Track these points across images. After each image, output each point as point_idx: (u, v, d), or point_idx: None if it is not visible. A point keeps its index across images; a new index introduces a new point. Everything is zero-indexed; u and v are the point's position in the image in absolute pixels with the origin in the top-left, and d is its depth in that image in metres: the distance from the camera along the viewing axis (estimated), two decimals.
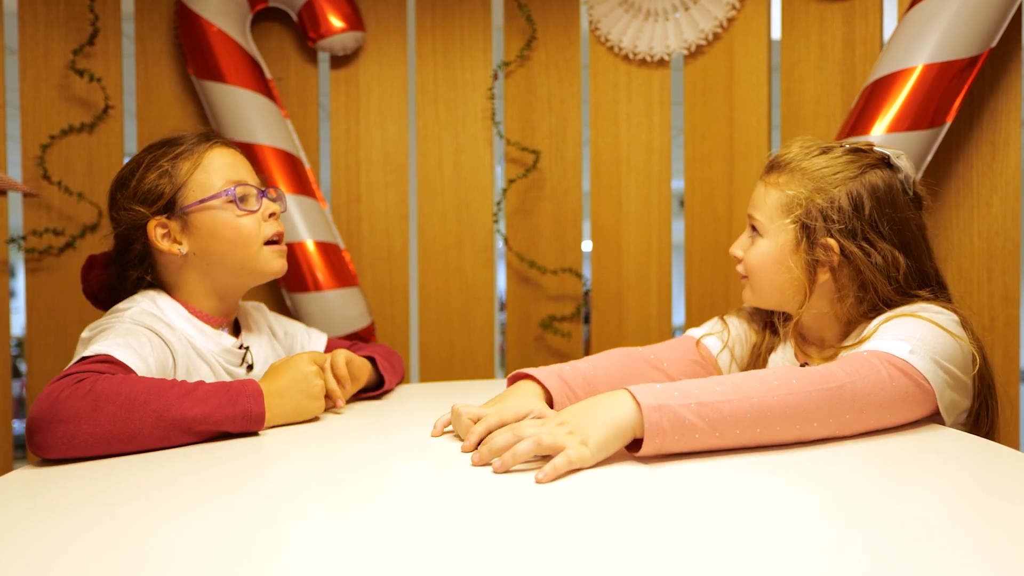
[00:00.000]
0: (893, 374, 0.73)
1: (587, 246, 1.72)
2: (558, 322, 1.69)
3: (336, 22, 1.61)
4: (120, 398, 0.71)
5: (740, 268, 0.96)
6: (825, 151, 0.91)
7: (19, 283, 1.81)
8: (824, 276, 0.88)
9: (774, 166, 0.94)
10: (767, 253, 0.91)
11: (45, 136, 1.61)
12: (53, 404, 0.69)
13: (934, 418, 0.79)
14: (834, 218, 0.86)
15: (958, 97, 1.29)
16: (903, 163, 0.89)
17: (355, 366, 0.98)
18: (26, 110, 1.62)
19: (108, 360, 0.77)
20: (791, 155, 0.93)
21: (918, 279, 0.88)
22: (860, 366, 0.73)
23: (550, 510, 0.55)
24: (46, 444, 0.69)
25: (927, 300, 0.85)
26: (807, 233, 0.87)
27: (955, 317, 0.82)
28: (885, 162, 0.89)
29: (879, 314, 0.86)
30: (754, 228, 0.94)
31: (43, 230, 1.60)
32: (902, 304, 0.86)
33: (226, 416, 0.77)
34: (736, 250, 0.96)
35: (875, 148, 0.90)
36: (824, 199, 0.87)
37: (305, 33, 1.64)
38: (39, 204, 1.62)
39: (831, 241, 0.87)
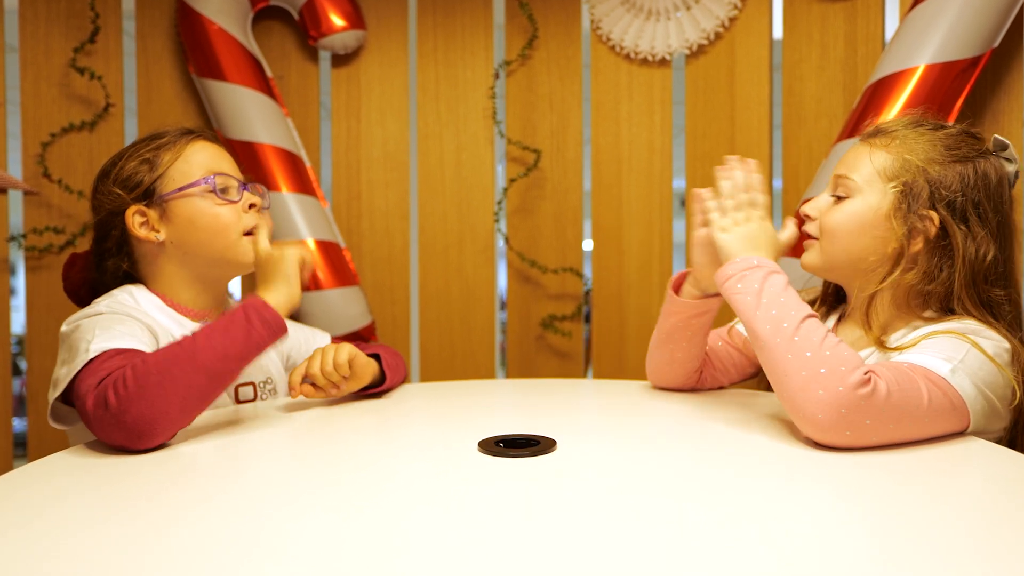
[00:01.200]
0: (931, 390, 0.71)
1: (588, 245, 1.72)
2: (559, 321, 1.69)
3: (337, 21, 1.61)
4: (154, 370, 0.72)
5: (811, 228, 0.90)
6: (939, 128, 0.89)
7: (19, 281, 1.81)
8: (917, 246, 0.84)
9: (881, 131, 0.90)
10: (855, 214, 0.86)
11: (46, 134, 1.61)
12: (106, 408, 0.70)
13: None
14: (943, 192, 0.84)
15: (960, 97, 1.29)
16: (1012, 155, 0.87)
17: (359, 364, 0.98)
18: (27, 108, 1.62)
19: (117, 353, 0.77)
20: (902, 122, 0.90)
21: (996, 276, 0.84)
22: (900, 377, 0.70)
23: (553, 510, 0.55)
24: (127, 435, 0.71)
25: (981, 321, 0.81)
26: (908, 200, 0.84)
27: (1007, 346, 0.79)
28: (997, 153, 0.87)
29: (934, 312, 0.84)
30: (839, 195, 0.89)
31: (43, 228, 1.60)
32: (968, 304, 0.83)
33: (258, 341, 0.79)
34: (810, 210, 0.90)
35: (990, 137, 0.87)
36: (937, 171, 0.84)
37: (306, 32, 1.64)
38: (39, 202, 1.62)
39: (933, 213, 0.84)
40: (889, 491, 0.60)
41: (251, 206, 0.97)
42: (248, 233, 0.96)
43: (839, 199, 0.88)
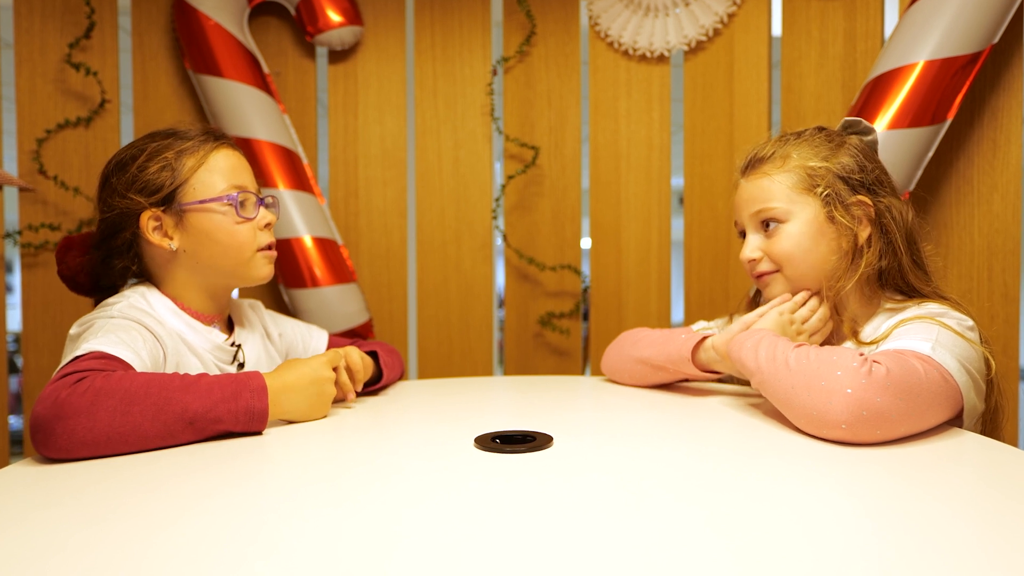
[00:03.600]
0: (923, 366, 0.73)
1: (586, 243, 1.72)
2: (557, 319, 1.69)
3: (334, 17, 1.60)
4: (120, 392, 0.70)
5: (764, 265, 0.94)
6: (801, 133, 0.96)
7: (15, 278, 1.81)
8: (866, 231, 0.89)
9: (761, 160, 0.95)
10: (800, 232, 0.90)
11: (41, 130, 1.60)
12: (54, 403, 0.68)
13: (953, 422, 0.78)
14: (853, 177, 0.90)
15: (959, 94, 1.28)
16: (866, 125, 0.95)
17: (364, 364, 0.99)
18: (22, 104, 1.61)
19: (103, 356, 0.75)
20: (771, 145, 0.95)
21: (920, 234, 0.92)
22: (893, 357, 0.73)
23: (548, 506, 0.55)
24: (47, 443, 0.68)
25: (943, 303, 0.86)
26: (835, 197, 0.89)
27: (970, 323, 0.83)
28: (852, 131, 0.96)
29: (896, 296, 0.89)
30: (766, 224, 0.92)
31: (39, 225, 1.59)
32: (916, 274, 0.89)
33: (228, 411, 0.75)
34: (752, 252, 0.94)
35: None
36: (835, 163, 0.91)
37: (303, 28, 1.63)
38: (35, 199, 1.61)
39: (861, 197, 0.89)
40: (884, 484, 0.59)
41: (267, 224, 0.97)
42: (262, 249, 0.97)
43: (768, 231, 0.92)
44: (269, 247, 0.98)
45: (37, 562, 0.46)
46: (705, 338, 0.94)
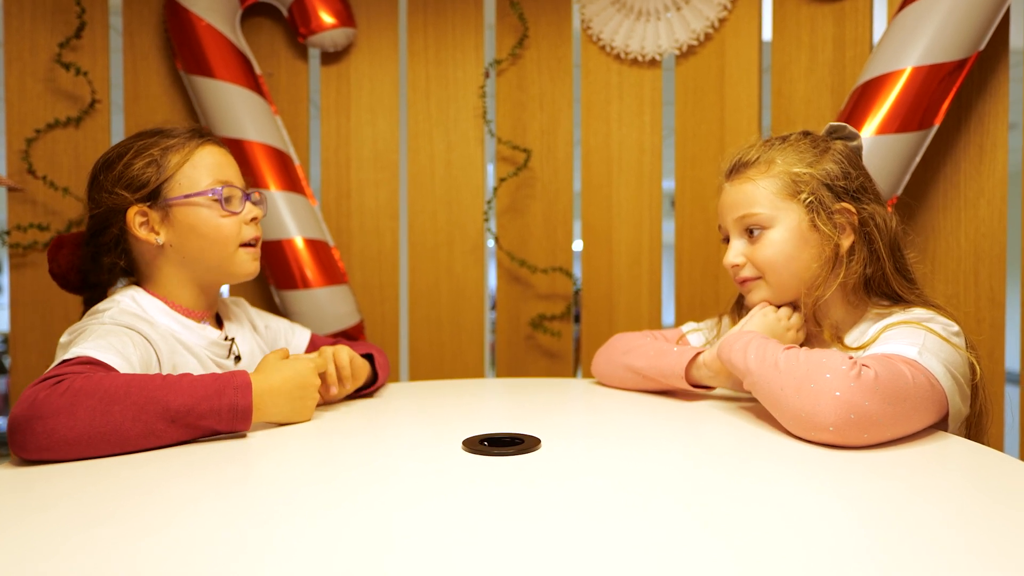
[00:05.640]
0: (911, 371, 0.73)
1: (578, 245, 1.72)
2: (548, 321, 1.69)
3: (327, 18, 1.60)
4: (100, 392, 0.69)
5: (747, 271, 0.94)
6: (786, 138, 0.95)
7: (3, 278, 1.80)
8: (848, 240, 0.89)
9: (745, 164, 0.94)
10: (783, 239, 0.90)
11: (30, 130, 1.59)
12: (32, 403, 0.67)
13: (939, 426, 0.79)
14: (837, 184, 0.89)
15: (946, 100, 1.30)
16: (851, 131, 0.95)
17: (356, 365, 0.99)
18: (11, 103, 1.60)
19: (89, 361, 0.75)
20: (756, 150, 0.95)
21: (904, 241, 0.92)
22: (882, 361, 0.73)
23: (533, 508, 0.55)
24: (25, 443, 0.67)
25: (929, 308, 0.86)
26: (819, 204, 0.88)
27: (956, 328, 0.83)
28: (836, 136, 0.96)
29: (882, 301, 0.89)
30: (750, 230, 0.92)
31: (28, 225, 1.58)
32: (900, 281, 0.89)
33: (211, 408, 0.74)
34: (736, 257, 0.94)
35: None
36: (820, 169, 0.90)
37: (296, 29, 1.63)
38: (24, 199, 1.60)
39: (845, 204, 0.89)
40: (874, 486, 0.60)
41: (252, 219, 0.98)
42: (246, 244, 0.97)
43: (752, 237, 0.92)
44: (255, 241, 0.99)
45: (37, 563, 0.46)
46: (699, 354, 0.95)
